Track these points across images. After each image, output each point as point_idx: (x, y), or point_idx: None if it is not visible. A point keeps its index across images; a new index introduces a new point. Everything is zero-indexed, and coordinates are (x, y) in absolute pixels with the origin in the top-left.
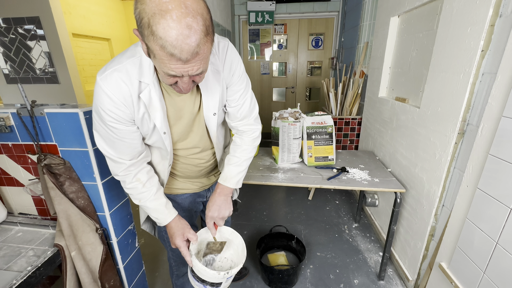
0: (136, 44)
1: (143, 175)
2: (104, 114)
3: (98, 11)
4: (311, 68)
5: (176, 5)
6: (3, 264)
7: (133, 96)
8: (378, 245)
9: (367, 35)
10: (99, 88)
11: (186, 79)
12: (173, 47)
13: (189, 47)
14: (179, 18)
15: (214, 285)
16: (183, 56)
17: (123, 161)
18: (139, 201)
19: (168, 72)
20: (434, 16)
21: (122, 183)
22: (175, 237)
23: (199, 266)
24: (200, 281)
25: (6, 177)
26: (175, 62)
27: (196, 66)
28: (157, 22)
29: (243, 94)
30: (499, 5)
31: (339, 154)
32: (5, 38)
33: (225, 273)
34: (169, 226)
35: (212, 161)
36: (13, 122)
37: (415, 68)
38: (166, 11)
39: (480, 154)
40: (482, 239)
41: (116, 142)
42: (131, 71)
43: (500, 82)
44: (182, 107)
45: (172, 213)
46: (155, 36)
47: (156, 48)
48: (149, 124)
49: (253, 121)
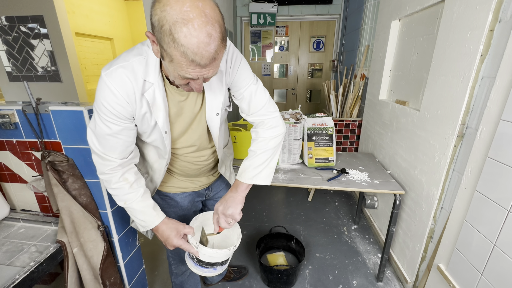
0: (143, 43)
1: (131, 175)
2: (104, 109)
3: (101, 11)
4: (312, 70)
5: (197, 14)
6: (6, 260)
7: (137, 94)
8: (377, 247)
9: (368, 38)
10: (103, 83)
11: (200, 81)
12: (194, 54)
13: (209, 54)
14: (200, 27)
15: (224, 263)
16: (203, 62)
17: (112, 159)
18: (124, 203)
19: (185, 76)
20: (434, 21)
21: (107, 183)
22: (171, 239)
23: (210, 251)
24: (209, 266)
25: (9, 173)
26: (194, 67)
27: (211, 70)
28: (179, 30)
29: (251, 88)
30: (498, 11)
31: (339, 156)
32: (8, 36)
33: (234, 247)
34: (159, 230)
35: (211, 160)
36: (18, 119)
37: (415, 71)
38: (188, 19)
39: (478, 157)
40: (480, 241)
41: (109, 139)
42: (137, 69)
43: (499, 86)
44: (184, 106)
45: (161, 215)
46: (176, 43)
47: (176, 54)
48: (149, 122)
49: (266, 111)
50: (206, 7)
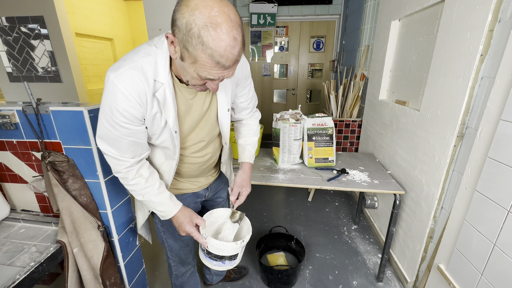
0: (149, 43)
1: (145, 171)
2: (116, 112)
3: (101, 11)
4: (312, 70)
5: (224, 18)
6: (6, 260)
7: (148, 94)
8: (377, 247)
9: (368, 38)
10: (113, 86)
11: (218, 82)
12: (221, 56)
13: (233, 56)
14: (227, 31)
15: (232, 258)
16: (227, 64)
17: (126, 159)
18: (142, 197)
19: (207, 77)
20: (434, 21)
21: (124, 180)
22: (184, 225)
23: (217, 243)
24: (218, 259)
25: (9, 173)
26: (218, 68)
27: (232, 71)
28: (208, 33)
29: (251, 89)
30: (498, 11)
31: (339, 156)
32: (9, 36)
33: (241, 241)
34: (175, 217)
35: (214, 159)
36: (18, 120)
37: (415, 72)
38: (216, 24)
39: (478, 157)
40: (480, 241)
41: (121, 142)
42: (146, 69)
43: (499, 86)
44: (192, 104)
45: (178, 204)
46: (205, 45)
47: (202, 56)
48: (159, 123)
49: (255, 109)
50: (230, 12)
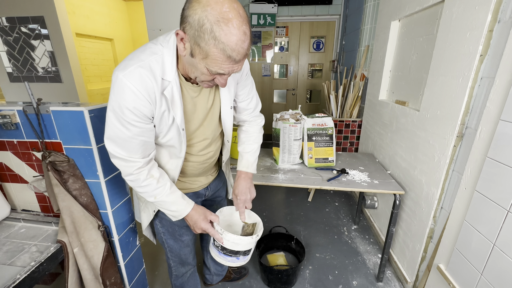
0: (155, 42)
1: (155, 171)
2: (126, 111)
3: (101, 12)
4: (312, 71)
5: (235, 14)
6: (7, 260)
7: (157, 92)
8: (377, 247)
9: (368, 38)
10: (123, 84)
11: (226, 76)
12: (232, 50)
13: (244, 50)
14: (238, 26)
15: (246, 253)
16: (238, 57)
17: (136, 160)
18: (154, 198)
19: (217, 71)
20: (434, 21)
21: (135, 182)
22: (199, 222)
23: (234, 237)
24: (232, 255)
25: (10, 173)
26: (228, 63)
27: (241, 65)
28: (221, 28)
29: (251, 89)
30: (497, 11)
31: (339, 156)
32: (9, 37)
33: (256, 236)
34: (189, 215)
35: (215, 157)
36: (19, 120)
37: (415, 72)
38: (228, 19)
39: (478, 157)
40: (480, 241)
41: (131, 141)
42: (154, 68)
43: (498, 86)
44: (197, 102)
45: (190, 203)
46: (217, 40)
47: (214, 51)
48: (167, 121)
49: (258, 113)
50: (239, 8)
